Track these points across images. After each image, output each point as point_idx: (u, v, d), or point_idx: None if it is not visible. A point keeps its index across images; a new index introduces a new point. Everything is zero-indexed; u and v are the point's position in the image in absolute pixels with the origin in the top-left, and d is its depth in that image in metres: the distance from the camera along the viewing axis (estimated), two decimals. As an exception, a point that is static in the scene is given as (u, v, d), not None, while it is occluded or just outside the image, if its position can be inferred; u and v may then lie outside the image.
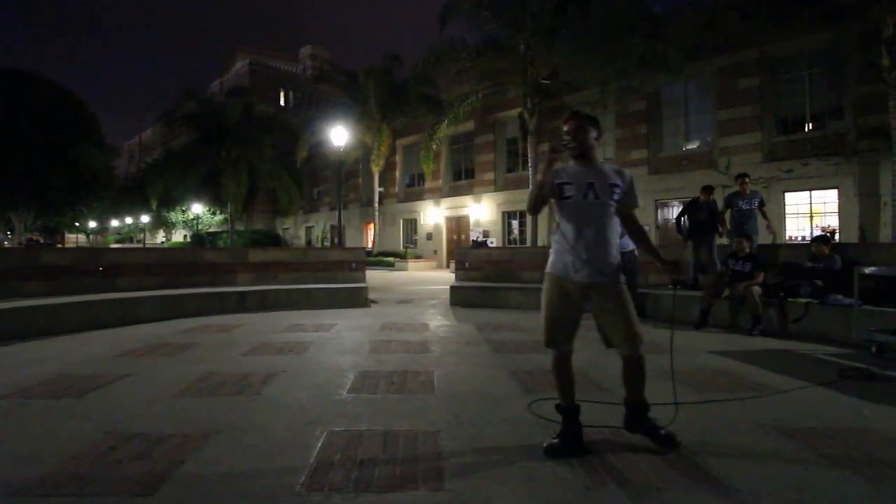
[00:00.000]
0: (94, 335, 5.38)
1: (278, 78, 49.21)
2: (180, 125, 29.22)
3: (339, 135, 13.85)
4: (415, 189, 26.15)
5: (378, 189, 24.38)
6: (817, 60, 13.61)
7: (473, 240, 20.01)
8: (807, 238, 12.70)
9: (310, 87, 47.59)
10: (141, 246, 39.63)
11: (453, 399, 3.10)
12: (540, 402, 2.93)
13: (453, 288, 8.70)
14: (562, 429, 2.30)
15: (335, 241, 26.89)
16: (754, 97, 14.47)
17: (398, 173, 26.86)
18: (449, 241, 23.65)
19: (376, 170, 23.69)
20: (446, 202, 23.91)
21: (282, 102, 48.50)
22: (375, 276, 15.42)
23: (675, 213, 16.46)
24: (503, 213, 21.90)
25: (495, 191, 21.82)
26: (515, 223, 21.88)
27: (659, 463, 2.16)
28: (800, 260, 6.04)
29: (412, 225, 26.12)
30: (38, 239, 37.38)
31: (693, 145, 16.48)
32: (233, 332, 5.56)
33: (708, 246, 6.99)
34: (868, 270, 4.56)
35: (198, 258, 8.51)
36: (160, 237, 47.22)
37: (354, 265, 9.13)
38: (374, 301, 8.70)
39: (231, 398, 3.10)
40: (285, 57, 54.84)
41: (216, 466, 2.12)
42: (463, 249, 11.72)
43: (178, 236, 42.55)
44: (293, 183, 27.62)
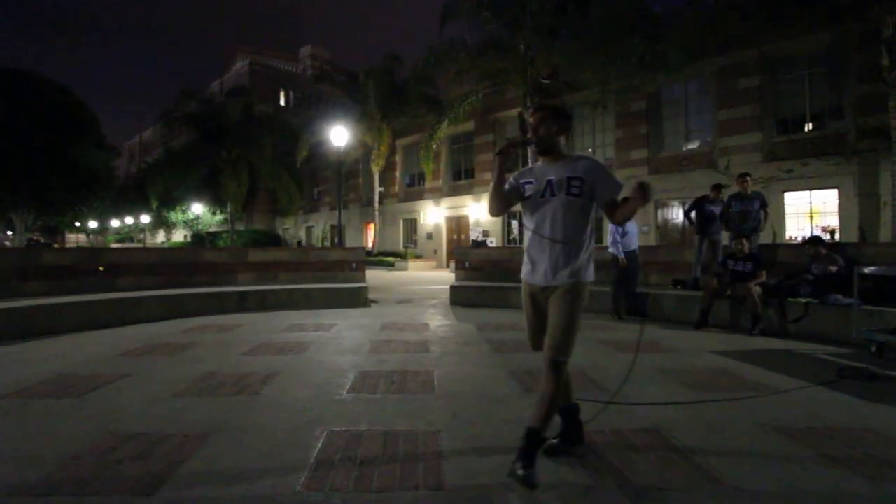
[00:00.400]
0: (95, 335, 5.38)
1: (278, 78, 49.21)
2: (180, 125, 29.23)
3: (339, 135, 13.85)
4: (415, 189, 26.15)
5: (378, 189, 24.38)
6: (817, 60, 13.61)
7: (473, 240, 19.99)
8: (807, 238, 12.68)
9: (310, 87, 47.55)
10: (141, 246, 39.65)
11: (453, 399, 3.10)
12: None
13: (453, 288, 8.70)
14: (561, 429, 2.28)
15: (335, 241, 26.89)
16: (754, 97, 14.46)
17: (398, 173, 26.86)
18: (449, 241, 23.65)
19: (376, 170, 23.69)
20: (446, 202, 23.90)
21: (282, 102, 48.50)
22: (375, 276, 15.43)
23: (676, 213, 16.50)
24: (503, 213, 21.87)
25: (495, 191, 21.82)
26: (515, 223, 21.88)
27: (659, 463, 2.16)
28: (802, 260, 6.04)
29: (412, 225, 26.12)
30: (39, 239, 37.40)
31: (693, 145, 16.48)
32: (233, 332, 5.56)
33: (713, 244, 7.04)
34: (868, 270, 4.56)
35: (198, 258, 8.51)
36: (160, 237, 47.22)
37: (354, 265, 9.13)
38: (375, 301, 8.70)
39: (231, 398, 3.10)
40: (285, 57, 54.84)
41: (216, 466, 2.12)
42: (463, 249, 11.72)
43: (179, 236, 42.57)
44: (293, 183, 27.62)
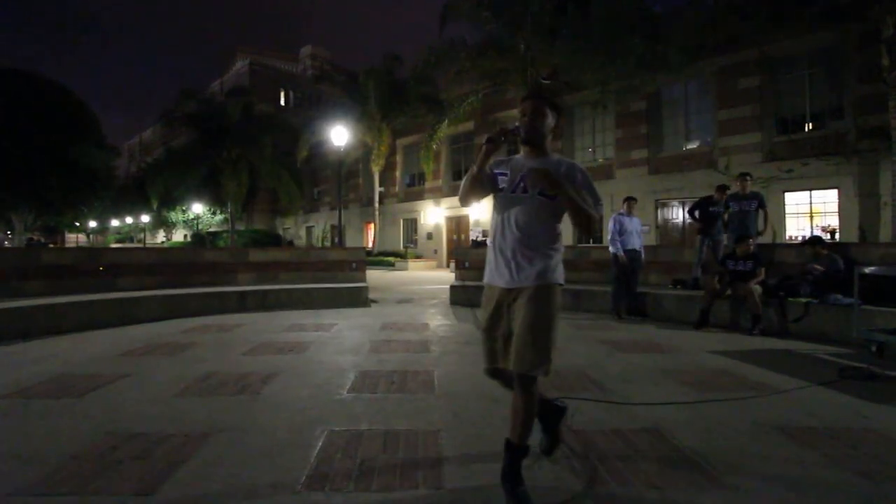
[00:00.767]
0: (95, 335, 5.38)
1: (278, 78, 49.19)
2: (180, 125, 29.21)
3: (340, 134, 13.85)
4: (415, 189, 26.15)
5: (378, 189, 24.38)
6: (817, 60, 13.61)
7: (473, 239, 20.01)
8: (807, 238, 12.70)
9: (310, 87, 47.55)
10: (141, 246, 39.65)
11: (453, 399, 3.10)
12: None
13: (453, 287, 8.70)
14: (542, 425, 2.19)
15: (335, 241, 26.90)
16: (754, 97, 14.47)
17: (398, 173, 26.86)
18: (449, 241, 23.65)
19: (376, 169, 23.69)
20: (446, 202, 23.90)
21: (282, 102, 48.48)
22: (375, 276, 15.43)
23: (676, 213, 16.51)
24: (503, 213, 21.88)
25: (495, 191, 21.83)
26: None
27: (659, 462, 2.16)
28: (802, 259, 6.05)
29: (412, 225, 26.12)
30: (40, 238, 37.41)
31: (693, 145, 16.48)
32: (233, 332, 5.56)
33: (715, 245, 7.10)
34: (868, 270, 4.56)
35: (198, 258, 8.50)
36: (160, 237, 47.23)
37: (355, 265, 9.13)
38: (375, 301, 8.70)
39: (231, 398, 3.10)
40: (285, 57, 54.85)
41: (216, 466, 2.12)
42: (463, 249, 11.72)
43: (179, 236, 42.57)
44: (293, 183, 27.61)
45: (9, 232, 29.85)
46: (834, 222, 13.12)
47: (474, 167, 1.90)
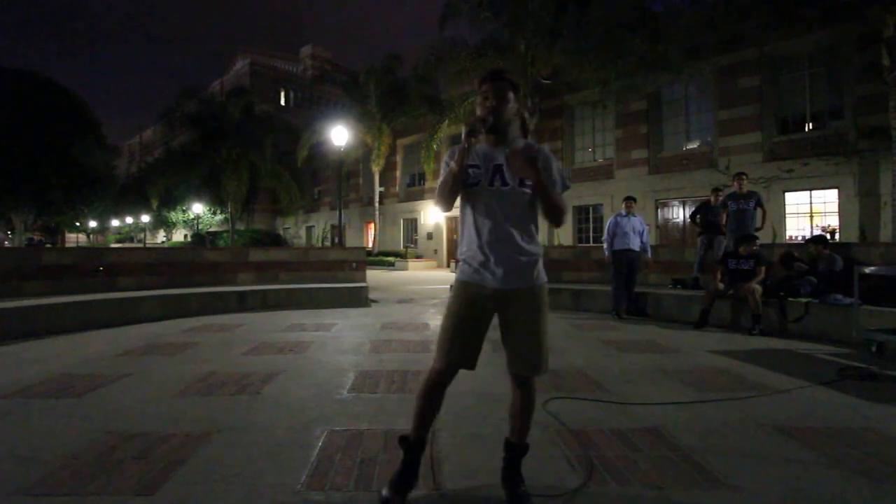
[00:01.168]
0: (95, 335, 5.38)
1: (278, 78, 49.19)
2: (181, 125, 29.22)
3: (340, 134, 13.86)
4: (415, 189, 26.14)
5: (378, 189, 24.38)
6: (817, 60, 13.62)
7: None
8: (807, 238, 12.73)
9: (310, 87, 47.54)
10: (141, 245, 39.65)
11: (453, 398, 3.09)
12: (555, 402, 2.96)
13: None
14: (400, 468, 1.85)
15: (335, 241, 26.90)
16: (754, 97, 14.47)
17: (399, 173, 26.85)
18: (449, 241, 23.64)
19: (377, 169, 23.69)
20: (447, 202, 23.88)
21: (282, 102, 48.48)
22: (376, 276, 15.43)
23: (676, 213, 16.51)
24: (503, 213, 21.88)
25: (495, 191, 21.82)
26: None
27: (659, 462, 2.16)
28: (801, 258, 6.05)
29: (413, 224, 26.12)
30: (41, 238, 37.42)
31: (693, 145, 16.48)
32: (233, 332, 5.56)
33: (717, 246, 7.17)
34: (868, 270, 4.56)
35: (198, 258, 8.51)
36: (161, 237, 47.24)
37: (355, 265, 9.14)
38: (375, 300, 8.71)
39: (232, 398, 3.10)
40: (285, 57, 54.83)
41: (217, 466, 2.12)
42: (463, 249, 11.69)
43: (179, 236, 42.58)
44: (294, 182, 27.62)
45: (9, 232, 29.86)
46: (834, 222, 13.12)
47: (453, 165, 1.73)
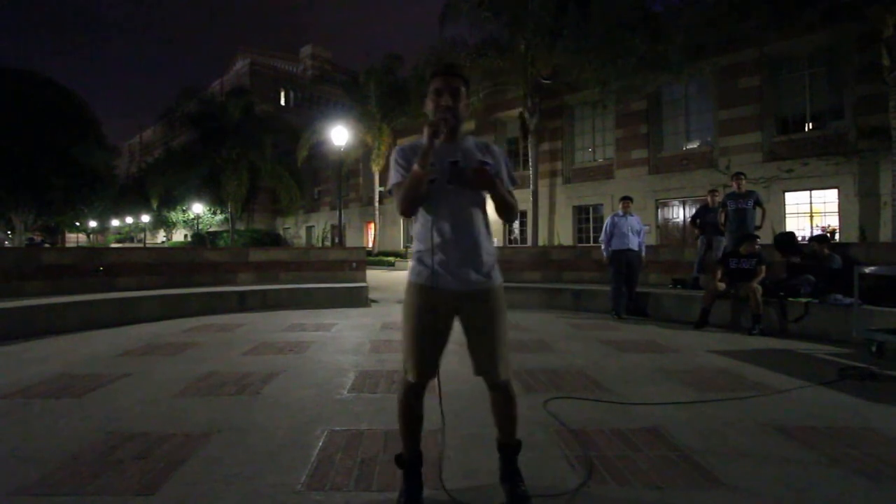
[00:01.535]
0: (95, 335, 5.38)
1: (279, 78, 49.22)
2: (181, 125, 29.25)
3: (340, 134, 13.86)
4: (415, 189, 26.12)
5: (379, 188, 24.37)
6: (817, 60, 13.62)
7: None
8: (807, 238, 12.74)
9: (310, 87, 47.58)
10: (141, 245, 39.65)
11: (453, 398, 3.10)
12: (555, 402, 2.96)
13: (453, 288, 8.68)
14: (403, 487, 1.81)
15: (335, 241, 26.91)
16: (754, 97, 14.47)
17: (398, 173, 26.83)
18: (449, 241, 23.63)
19: (377, 169, 23.69)
20: (446, 202, 23.90)
21: (282, 102, 48.52)
22: (376, 276, 15.42)
23: (676, 213, 16.52)
24: (503, 213, 21.90)
25: (495, 190, 21.82)
26: (516, 223, 21.89)
27: (659, 462, 2.16)
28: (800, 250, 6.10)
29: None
30: (43, 238, 37.44)
31: (693, 145, 16.49)
32: (233, 332, 5.56)
33: (716, 246, 7.22)
34: (868, 270, 4.56)
35: (198, 258, 8.51)
36: (161, 237, 47.24)
37: (355, 265, 9.14)
38: (375, 300, 8.71)
39: (232, 398, 3.10)
40: (286, 57, 54.86)
41: (217, 466, 2.12)
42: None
43: (179, 236, 42.59)
44: (294, 182, 27.64)
45: (9, 232, 29.87)
46: (834, 222, 13.13)
47: (417, 169, 1.61)
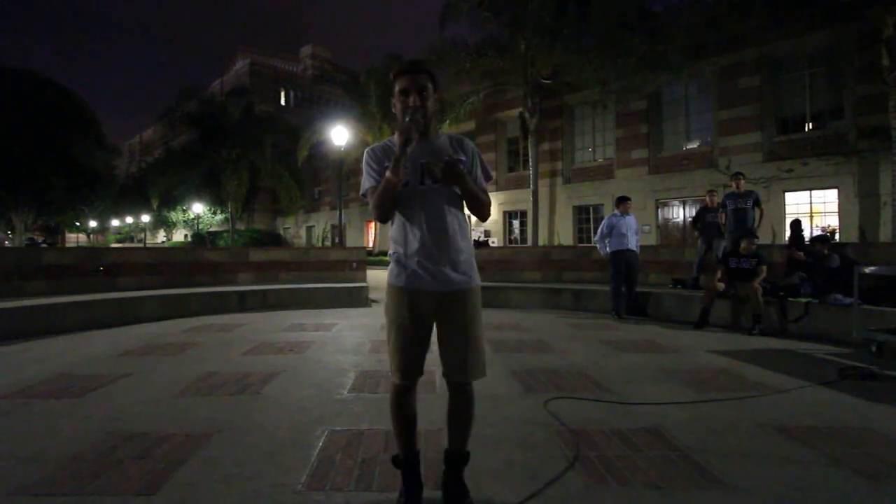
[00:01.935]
0: (95, 335, 5.39)
1: (279, 77, 49.22)
2: (181, 124, 29.27)
3: (340, 134, 13.87)
4: (415, 189, 26.12)
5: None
6: (817, 60, 13.62)
7: (475, 239, 20.02)
8: (806, 238, 12.75)
9: (310, 87, 47.60)
10: (142, 245, 39.66)
11: (454, 399, 3.10)
12: (555, 401, 2.96)
13: (453, 288, 8.68)
14: (402, 488, 1.78)
15: (336, 241, 26.91)
16: (754, 97, 14.47)
17: (398, 173, 26.84)
18: (449, 241, 23.62)
19: (377, 169, 23.66)
20: (446, 202, 23.88)
21: (282, 102, 48.51)
22: (376, 276, 15.40)
23: (676, 213, 16.52)
24: (504, 213, 21.92)
25: (496, 190, 21.83)
26: (516, 223, 21.91)
27: (659, 462, 2.16)
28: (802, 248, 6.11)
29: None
30: (44, 238, 37.46)
31: (693, 145, 16.49)
32: (234, 332, 5.56)
33: (716, 246, 7.22)
34: (868, 270, 4.56)
35: (198, 258, 8.51)
36: (161, 237, 47.25)
37: (355, 264, 9.14)
38: (375, 300, 8.70)
39: (232, 398, 3.10)
40: (286, 57, 54.87)
41: (217, 466, 2.12)
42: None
43: (179, 236, 42.61)
44: (294, 182, 27.64)
45: (9, 232, 29.88)
46: (834, 222, 13.13)
47: (390, 176, 1.58)
